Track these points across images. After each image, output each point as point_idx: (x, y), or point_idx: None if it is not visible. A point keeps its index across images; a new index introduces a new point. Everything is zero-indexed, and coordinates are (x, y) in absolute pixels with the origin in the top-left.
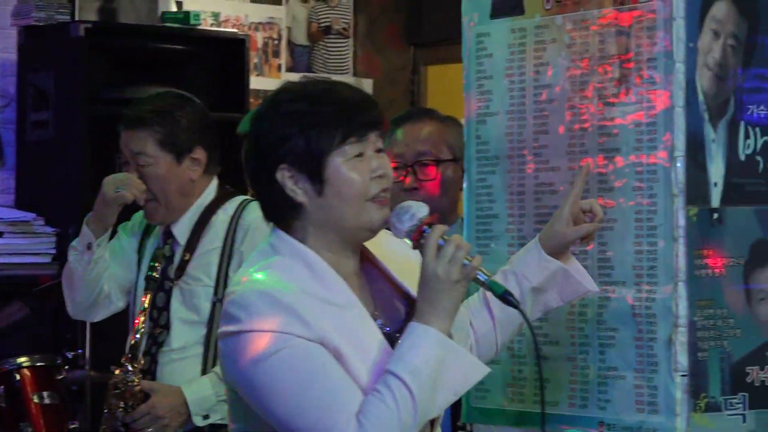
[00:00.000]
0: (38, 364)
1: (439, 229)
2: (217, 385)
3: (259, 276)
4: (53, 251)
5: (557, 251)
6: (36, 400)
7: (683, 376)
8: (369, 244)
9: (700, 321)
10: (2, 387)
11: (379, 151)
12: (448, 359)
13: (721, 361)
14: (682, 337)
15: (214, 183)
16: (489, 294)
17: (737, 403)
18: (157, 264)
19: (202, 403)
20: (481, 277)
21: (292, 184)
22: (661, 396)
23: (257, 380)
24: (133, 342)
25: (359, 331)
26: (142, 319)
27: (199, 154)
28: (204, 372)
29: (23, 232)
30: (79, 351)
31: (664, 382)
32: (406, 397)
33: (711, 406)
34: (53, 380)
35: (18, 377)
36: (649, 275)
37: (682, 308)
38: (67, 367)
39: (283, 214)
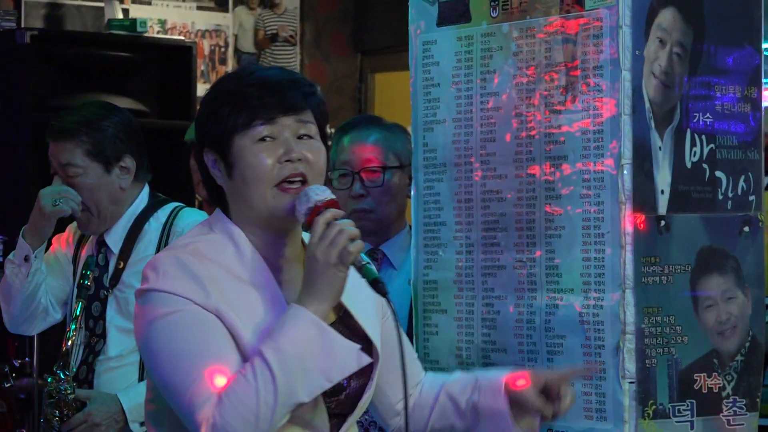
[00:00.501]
0: None
1: (330, 213)
2: None
3: (180, 245)
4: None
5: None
6: None
7: (631, 383)
8: None
9: (648, 328)
10: None
11: (302, 137)
12: (321, 342)
13: (668, 368)
14: (629, 344)
15: (146, 190)
16: (453, 381)
17: (685, 410)
18: (90, 272)
19: (139, 410)
20: (358, 264)
21: (212, 166)
22: (609, 403)
23: (150, 338)
24: (64, 350)
25: (264, 311)
26: (73, 327)
27: (128, 162)
28: (141, 379)
29: None
30: (26, 359)
31: (612, 389)
32: (266, 375)
33: (659, 413)
34: (0, 388)
35: None
36: (597, 282)
37: (630, 315)
38: (14, 375)
39: (215, 197)
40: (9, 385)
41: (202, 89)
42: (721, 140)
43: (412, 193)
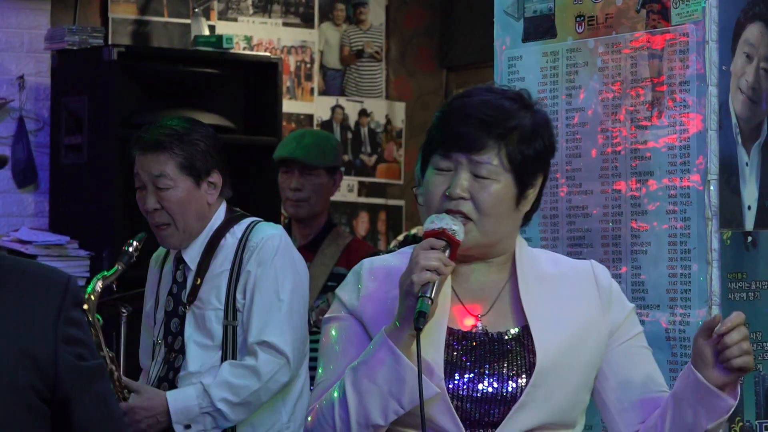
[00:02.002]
0: None
1: (426, 242)
2: (202, 397)
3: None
4: (87, 274)
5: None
6: None
7: None
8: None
9: None
10: None
11: None
12: (393, 368)
13: (756, 385)
14: None
15: (223, 206)
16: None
17: None
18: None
19: (185, 413)
20: (419, 294)
21: None
22: None
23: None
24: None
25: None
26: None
27: (216, 177)
28: None
29: (58, 255)
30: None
31: None
32: (342, 393)
33: (746, 430)
34: None
35: None
36: (683, 299)
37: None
38: None
39: None
40: None
41: (287, 105)
42: None
43: None
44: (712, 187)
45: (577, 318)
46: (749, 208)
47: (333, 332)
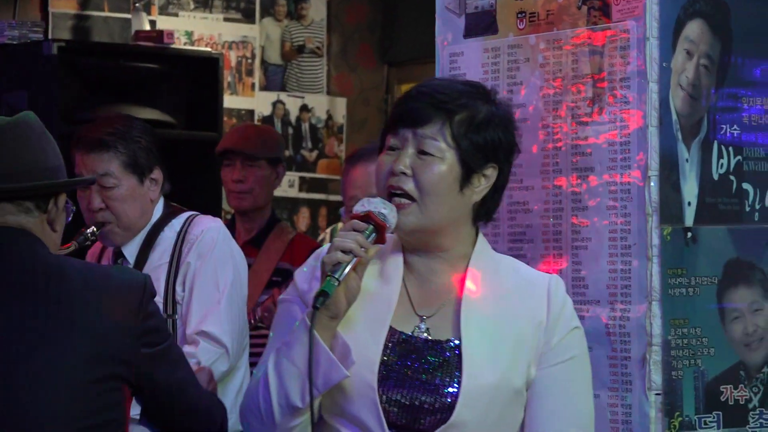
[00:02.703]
0: None
1: (348, 223)
2: None
3: None
4: None
5: None
6: None
7: (657, 394)
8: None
9: (675, 340)
10: None
11: None
12: (314, 349)
13: (695, 380)
14: (656, 356)
15: (161, 201)
16: None
17: (711, 422)
18: None
19: None
20: (328, 272)
21: None
22: (636, 415)
23: None
24: None
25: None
26: None
27: (157, 174)
28: None
29: None
30: None
31: (639, 401)
32: (264, 374)
33: (685, 425)
34: None
35: None
36: (623, 294)
37: (657, 327)
38: None
39: None
40: None
41: (228, 101)
42: (749, 152)
43: None
44: (652, 183)
45: (513, 334)
46: (689, 204)
47: (278, 316)
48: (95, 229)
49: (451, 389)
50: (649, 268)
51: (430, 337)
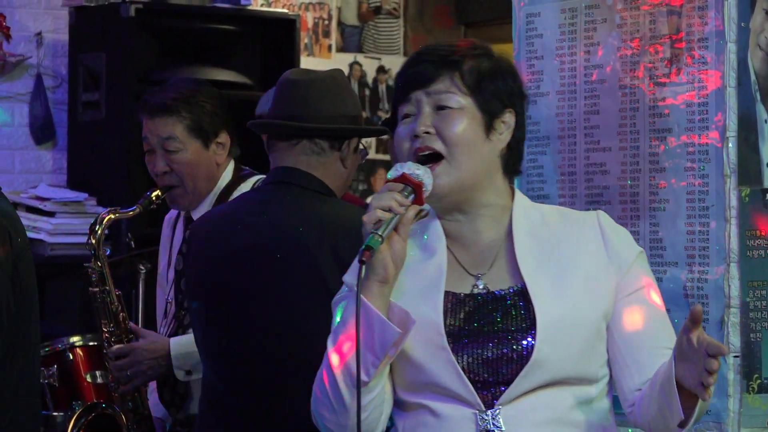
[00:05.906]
0: (90, 343)
1: (385, 186)
2: None
3: None
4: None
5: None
6: (89, 379)
7: (735, 356)
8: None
9: (753, 302)
10: (55, 366)
11: None
12: (365, 319)
13: None
14: (734, 318)
15: (231, 165)
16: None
17: None
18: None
19: (186, 358)
20: (369, 232)
21: None
22: None
23: None
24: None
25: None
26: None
27: (224, 138)
28: None
29: (75, 212)
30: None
31: None
32: (326, 355)
33: (764, 387)
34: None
35: (71, 356)
36: (701, 256)
37: (735, 289)
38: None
39: None
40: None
41: (305, 62)
42: None
43: None
44: (730, 144)
45: (580, 272)
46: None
47: (336, 315)
48: (159, 193)
49: (525, 333)
50: (727, 229)
51: (491, 289)
